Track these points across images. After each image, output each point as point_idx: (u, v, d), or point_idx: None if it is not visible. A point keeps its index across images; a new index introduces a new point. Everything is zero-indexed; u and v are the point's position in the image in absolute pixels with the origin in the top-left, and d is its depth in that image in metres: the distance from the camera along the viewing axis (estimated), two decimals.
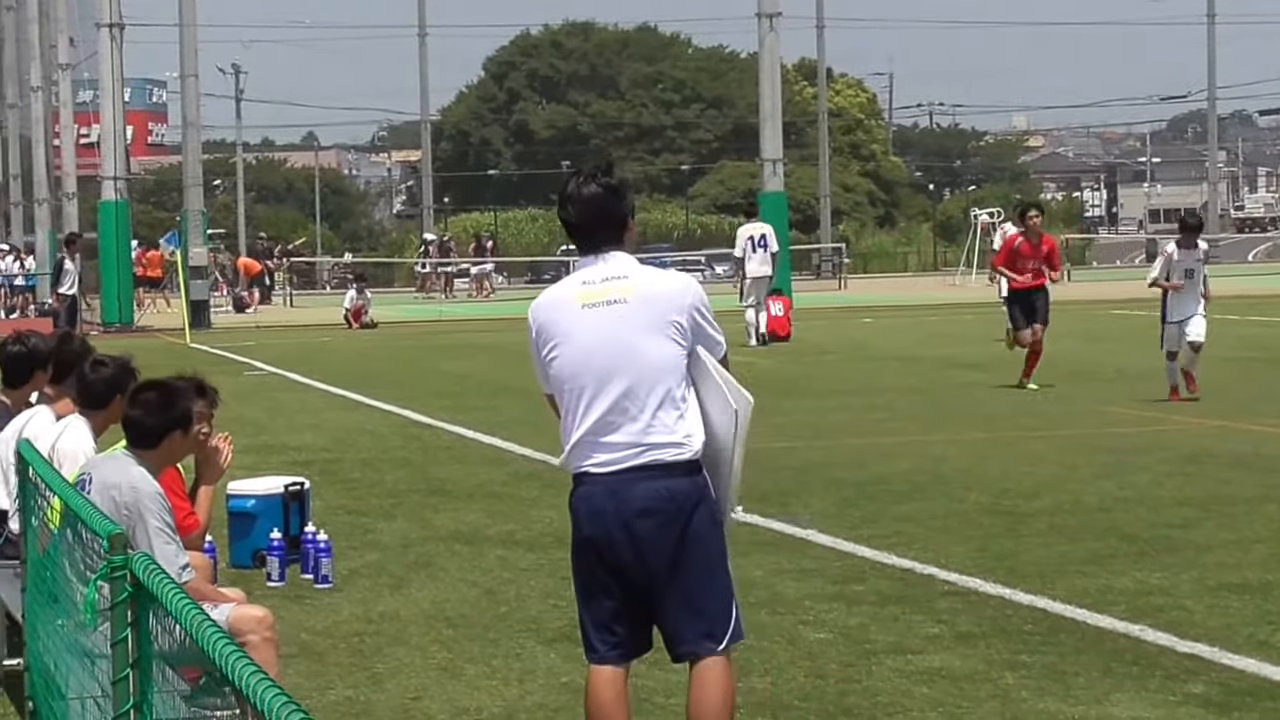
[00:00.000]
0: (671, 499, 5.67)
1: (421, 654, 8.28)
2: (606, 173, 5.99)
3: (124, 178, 46.36)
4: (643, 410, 5.68)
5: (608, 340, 5.74)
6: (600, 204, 5.89)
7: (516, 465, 14.69)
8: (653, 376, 5.70)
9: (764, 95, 45.46)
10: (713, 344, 5.82)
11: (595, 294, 5.82)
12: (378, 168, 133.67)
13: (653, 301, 5.76)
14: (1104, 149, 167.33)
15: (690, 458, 5.69)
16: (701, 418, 5.75)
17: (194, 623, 3.44)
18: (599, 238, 5.90)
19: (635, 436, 5.69)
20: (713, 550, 5.73)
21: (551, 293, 6.01)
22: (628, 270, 5.87)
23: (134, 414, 6.82)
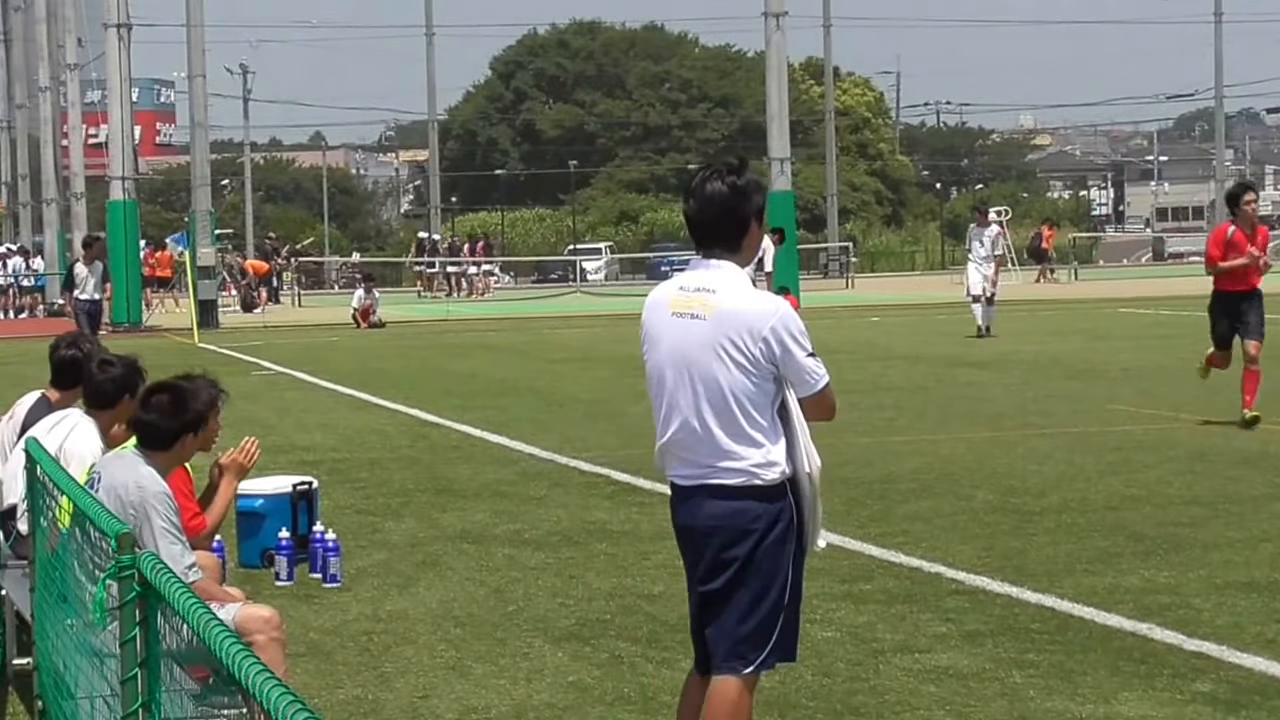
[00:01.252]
0: (734, 521, 5.59)
1: (429, 653, 8.29)
2: (735, 171, 5.72)
3: (132, 178, 46.41)
4: (710, 433, 5.60)
5: (680, 356, 5.69)
6: (721, 203, 5.67)
7: (524, 464, 14.70)
8: (718, 401, 5.59)
9: (771, 94, 45.48)
10: (799, 378, 5.61)
11: (684, 303, 5.71)
12: (385, 167, 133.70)
13: (726, 323, 5.57)
14: (1111, 147, 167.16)
15: (759, 484, 5.57)
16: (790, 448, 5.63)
17: (201, 622, 3.45)
18: (713, 239, 5.70)
19: (704, 457, 5.62)
20: (769, 576, 5.61)
21: (658, 291, 5.94)
22: (718, 284, 5.64)
23: (147, 417, 6.82)
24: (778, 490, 5.60)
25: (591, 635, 8.51)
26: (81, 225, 52.53)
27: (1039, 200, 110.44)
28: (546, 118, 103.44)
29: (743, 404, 5.57)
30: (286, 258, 65.39)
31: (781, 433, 5.61)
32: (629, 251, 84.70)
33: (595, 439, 16.23)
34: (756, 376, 5.56)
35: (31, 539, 6.98)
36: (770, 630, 5.66)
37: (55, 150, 60.69)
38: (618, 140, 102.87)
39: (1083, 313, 37.39)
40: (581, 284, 64.81)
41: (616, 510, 12.12)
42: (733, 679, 5.69)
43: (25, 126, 67.89)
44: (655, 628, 8.61)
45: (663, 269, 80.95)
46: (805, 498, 5.66)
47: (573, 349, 30.17)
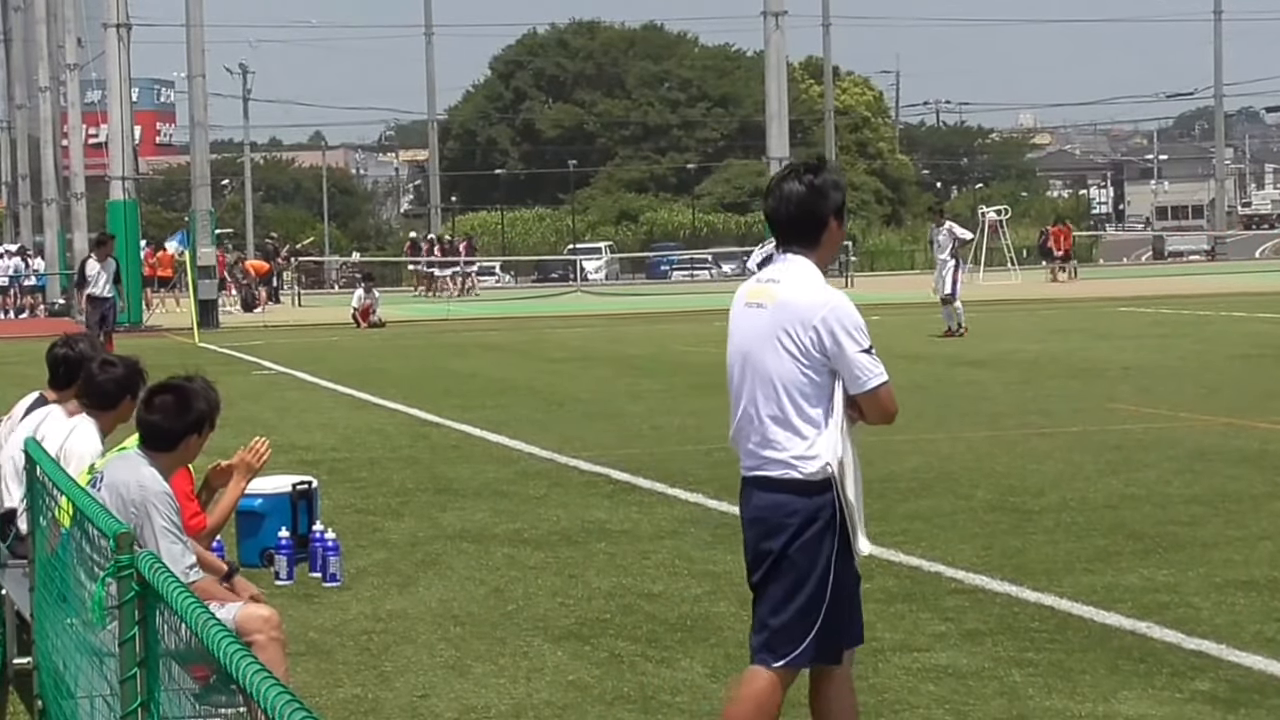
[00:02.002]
0: (775, 513, 5.61)
1: (429, 652, 8.29)
2: (813, 170, 5.77)
3: (132, 178, 46.43)
4: (761, 422, 5.63)
5: (742, 345, 5.73)
6: (797, 202, 5.71)
7: (524, 463, 14.71)
8: (767, 389, 5.61)
9: (770, 94, 45.50)
10: (850, 373, 5.60)
11: (753, 294, 5.76)
12: (385, 167, 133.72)
13: (782, 313, 5.61)
14: (1111, 146, 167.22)
15: (798, 477, 5.57)
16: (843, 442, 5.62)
17: (200, 622, 3.45)
18: (791, 237, 5.74)
19: (756, 446, 5.66)
20: (804, 572, 5.60)
21: (743, 284, 5.95)
22: (784, 276, 5.68)
23: (152, 418, 6.83)
24: (819, 485, 5.58)
25: (591, 634, 8.51)
26: (81, 225, 52.57)
27: (1038, 199, 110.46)
28: (546, 117, 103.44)
29: (791, 394, 5.59)
30: (286, 258, 65.42)
31: (831, 427, 5.61)
32: (629, 251, 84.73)
33: (595, 438, 16.23)
34: (806, 367, 5.58)
35: (31, 538, 6.99)
36: (803, 628, 5.64)
37: (55, 150, 60.70)
38: (617, 140, 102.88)
39: (1082, 312, 37.39)
40: (581, 283, 64.83)
41: (616, 510, 12.12)
42: (762, 670, 5.70)
43: (25, 126, 67.94)
44: (655, 627, 8.62)
45: (662, 268, 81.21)
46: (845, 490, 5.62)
47: (572, 348, 30.18)
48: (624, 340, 32.31)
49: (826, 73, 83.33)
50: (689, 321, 38.08)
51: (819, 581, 5.61)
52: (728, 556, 10.30)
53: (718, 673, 7.76)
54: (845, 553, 5.66)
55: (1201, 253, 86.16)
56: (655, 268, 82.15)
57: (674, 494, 12.69)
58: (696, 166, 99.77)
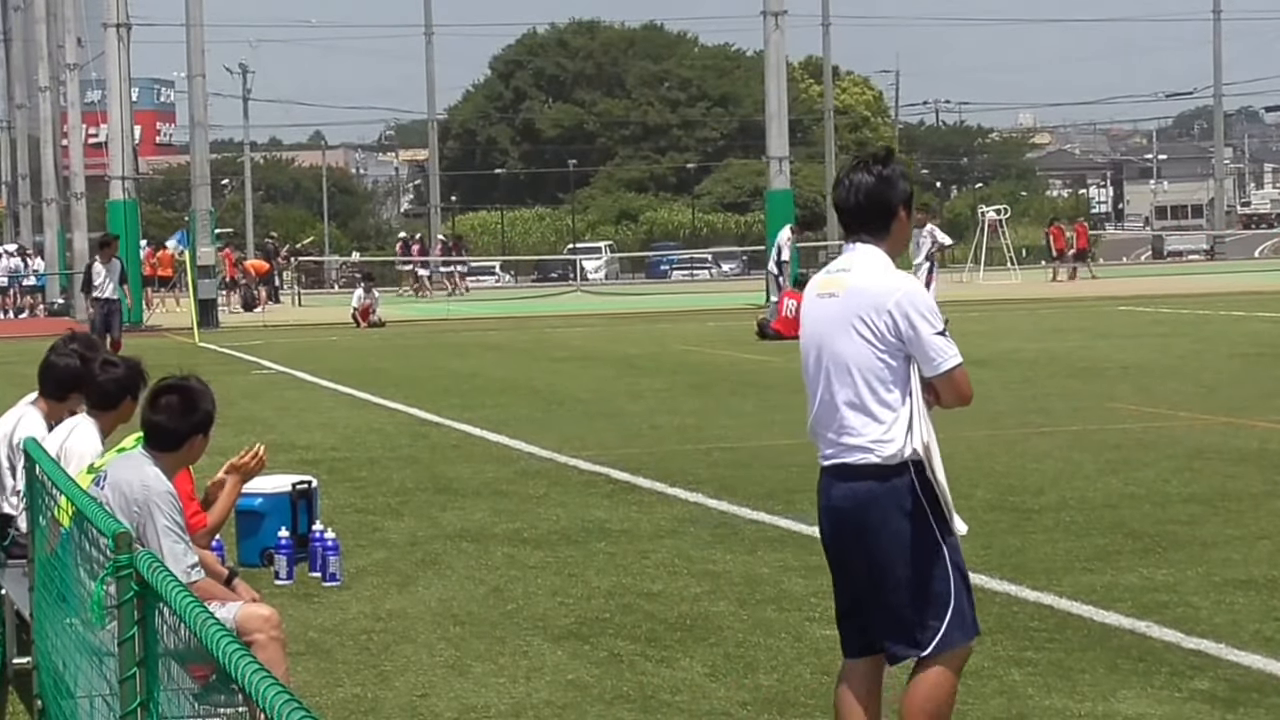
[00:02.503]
0: (856, 502, 5.64)
1: (429, 651, 8.30)
2: (881, 161, 5.83)
3: (132, 177, 46.42)
4: (838, 409, 5.67)
5: (816, 334, 5.76)
6: (866, 192, 5.76)
7: (524, 463, 14.71)
8: (843, 376, 5.66)
9: (770, 93, 45.50)
10: (924, 356, 5.63)
11: (825, 284, 5.81)
12: (385, 167, 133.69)
13: (855, 299, 5.65)
14: (1110, 146, 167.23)
15: (880, 462, 5.59)
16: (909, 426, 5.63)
17: (198, 621, 3.46)
18: (860, 227, 5.78)
19: (834, 434, 5.70)
20: (910, 554, 5.60)
21: (815, 276, 6.00)
22: (854, 264, 5.73)
23: (157, 418, 6.83)
24: (897, 468, 5.61)
25: (590, 634, 8.52)
26: (81, 225, 52.55)
27: (1038, 199, 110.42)
28: (546, 117, 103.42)
29: (868, 379, 5.62)
30: (286, 257, 65.44)
31: (908, 411, 5.63)
32: (629, 250, 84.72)
33: (594, 438, 16.24)
34: (882, 351, 5.61)
35: (31, 538, 7.00)
36: (936, 610, 5.64)
37: (55, 150, 60.68)
38: (617, 139, 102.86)
39: (1082, 311, 37.39)
40: (581, 283, 64.84)
41: (615, 509, 12.12)
42: (930, 667, 5.69)
43: (25, 126, 67.94)
44: (654, 626, 8.62)
45: (662, 268, 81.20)
46: (935, 471, 5.63)
47: (572, 348, 30.18)
48: (624, 340, 32.30)
49: (826, 72, 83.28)
50: (689, 321, 38.10)
51: (931, 562, 5.63)
52: (727, 556, 10.31)
53: (717, 672, 7.77)
54: (947, 530, 5.68)
55: (1201, 252, 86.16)
56: (655, 267, 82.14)
57: (673, 493, 12.70)
58: (696, 166, 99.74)
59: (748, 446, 15.31)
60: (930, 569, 5.63)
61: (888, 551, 5.62)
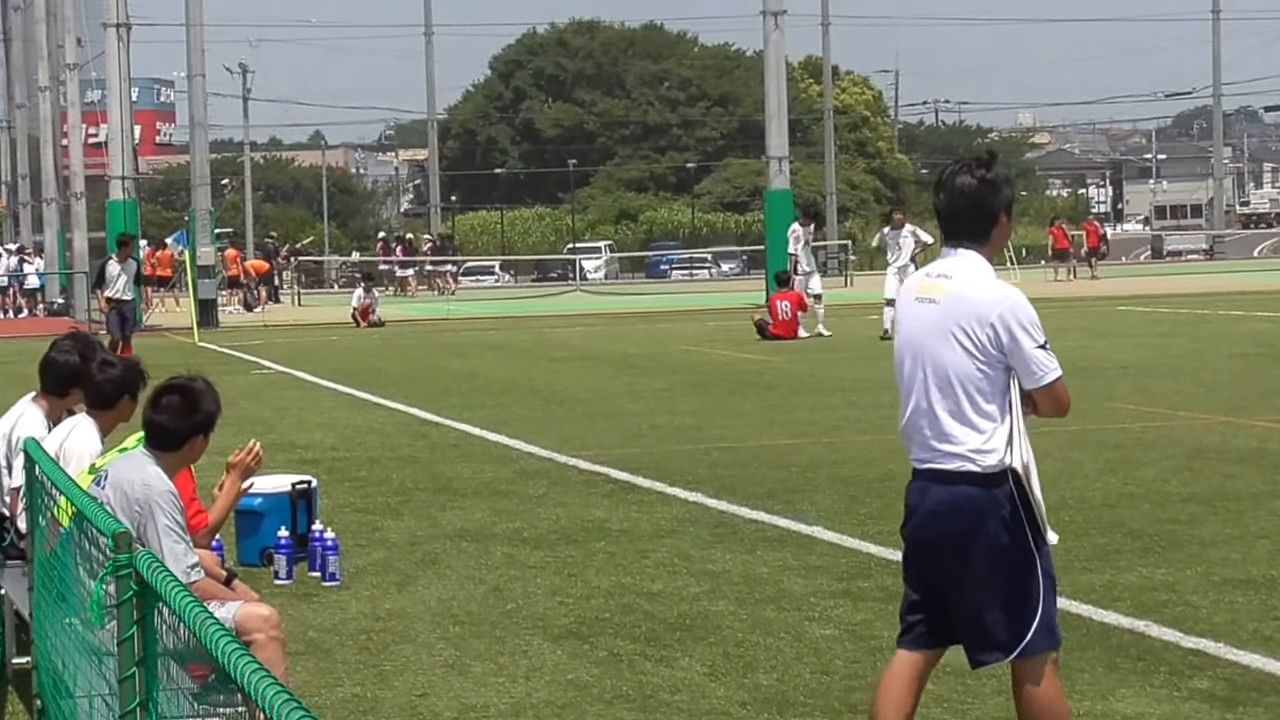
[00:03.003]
0: (955, 507, 5.64)
1: (428, 651, 8.30)
2: (985, 165, 5.80)
3: (132, 177, 46.40)
4: (936, 416, 5.67)
5: (914, 339, 5.76)
6: (969, 196, 5.74)
7: (523, 463, 14.72)
8: (942, 384, 5.65)
9: (769, 93, 45.48)
10: (1026, 369, 5.62)
11: (924, 288, 5.79)
12: (385, 167, 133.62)
13: (956, 309, 5.64)
14: (1110, 145, 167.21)
15: (975, 470, 5.60)
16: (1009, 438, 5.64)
17: (198, 621, 3.46)
18: (959, 230, 5.77)
19: (931, 440, 5.70)
20: (1004, 562, 5.62)
21: (911, 277, 6.02)
22: (956, 271, 5.71)
23: (158, 418, 6.84)
24: (996, 477, 5.61)
25: (590, 633, 8.52)
26: (81, 225, 52.58)
27: (1038, 198, 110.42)
28: (546, 117, 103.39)
29: (968, 389, 5.62)
30: (286, 257, 65.44)
31: (1008, 421, 5.63)
32: (628, 250, 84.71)
33: (594, 438, 16.24)
34: (983, 363, 5.62)
35: (30, 538, 7.00)
36: (1025, 616, 5.67)
37: (55, 150, 60.67)
38: (617, 139, 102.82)
39: (1081, 310, 37.39)
40: (581, 283, 64.84)
41: (615, 509, 12.13)
42: (1026, 672, 5.74)
43: (25, 126, 67.94)
44: (654, 626, 8.63)
45: (661, 268, 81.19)
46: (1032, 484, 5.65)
47: (572, 348, 30.18)
48: (623, 339, 32.30)
49: (826, 72, 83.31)
50: (688, 321, 38.10)
51: (1024, 569, 5.66)
52: (727, 555, 10.31)
53: (716, 672, 7.77)
54: (1041, 540, 5.70)
55: (1200, 252, 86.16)
56: (655, 267, 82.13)
57: (673, 493, 12.70)
58: (696, 166, 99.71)
59: (747, 446, 15.32)
60: (1023, 575, 5.66)
61: (983, 557, 5.64)
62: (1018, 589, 5.66)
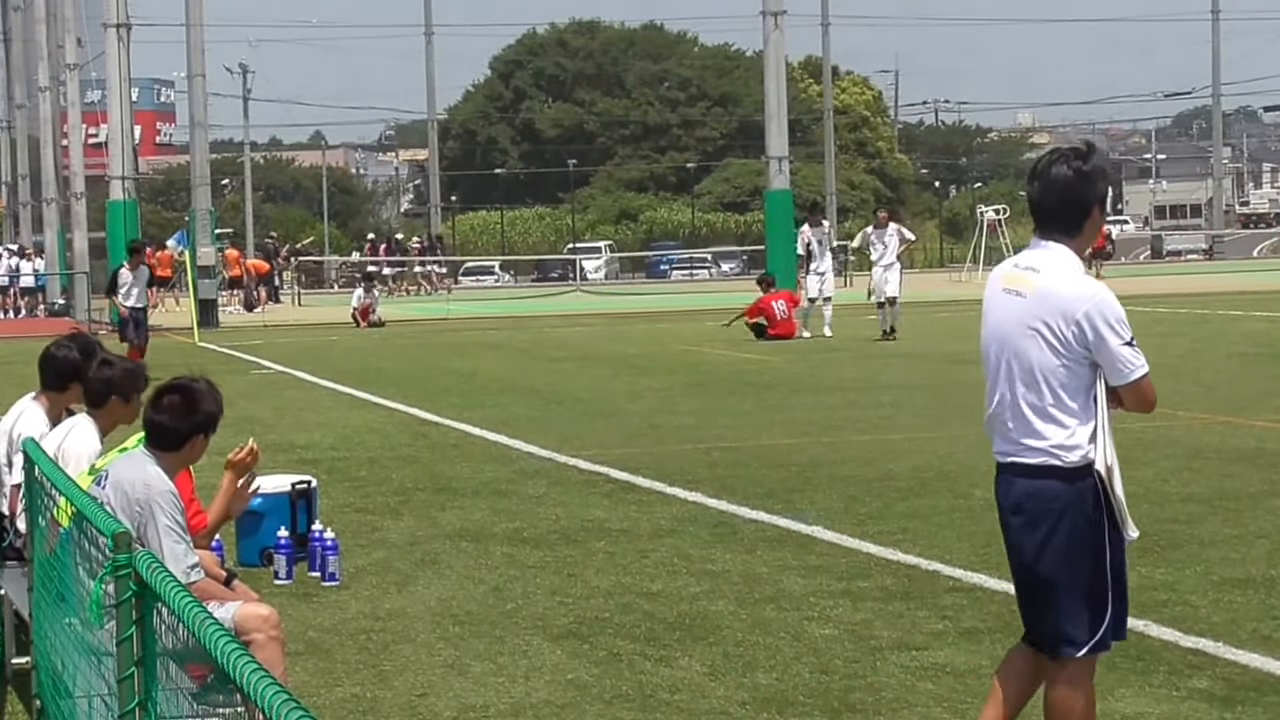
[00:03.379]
0: (1036, 500, 5.66)
1: (428, 651, 8.31)
2: (1082, 156, 5.75)
3: (132, 177, 46.42)
4: (1019, 409, 5.68)
5: (999, 331, 5.75)
6: (1062, 188, 5.70)
7: (523, 463, 14.72)
8: (1026, 378, 5.66)
9: (769, 93, 45.49)
10: (1112, 366, 5.64)
11: (1010, 279, 5.78)
12: (385, 167, 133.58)
13: (1042, 303, 5.62)
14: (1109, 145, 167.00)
15: (1059, 465, 5.62)
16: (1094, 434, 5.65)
17: (196, 621, 3.46)
18: (1049, 222, 5.74)
19: (1014, 433, 5.70)
20: (1080, 558, 5.64)
21: (998, 267, 6.01)
22: (1043, 264, 5.69)
23: (158, 417, 6.85)
24: (1080, 471, 5.63)
25: (590, 633, 8.53)
26: (81, 225, 52.61)
27: None
28: (546, 117, 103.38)
29: (1052, 384, 5.63)
30: (286, 257, 65.45)
31: (1092, 417, 5.65)
32: (628, 250, 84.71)
33: (594, 437, 16.25)
34: (1068, 359, 5.62)
35: (30, 538, 7.01)
36: (1095, 613, 5.68)
37: (55, 150, 60.68)
38: (617, 139, 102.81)
39: None
40: (581, 283, 64.85)
41: (615, 508, 12.13)
42: (1066, 665, 5.74)
43: (25, 126, 67.93)
44: (653, 625, 8.63)
45: (661, 268, 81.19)
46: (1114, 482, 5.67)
47: (572, 348, 30.19)
48: (623, 339, 32.31)
49: (825, 72, 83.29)
50: (688, 320, 38.09)
51: (1099, 565, 5.67)
52: (726, 555, 10.32)
53: (716, 671, 7.77)
54: (1118, 537, 5.72)
55: (1199, 252, 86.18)
56: (655, 267, 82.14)
57: (672, 493, 12.71)
58: (696, 166, 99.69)
59: (747, 446, 15.32)
60: (1098, 572, 5.67)
61: (1061, 551, 5.65)
62: (1090, 586, 5.66)
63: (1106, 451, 5.66)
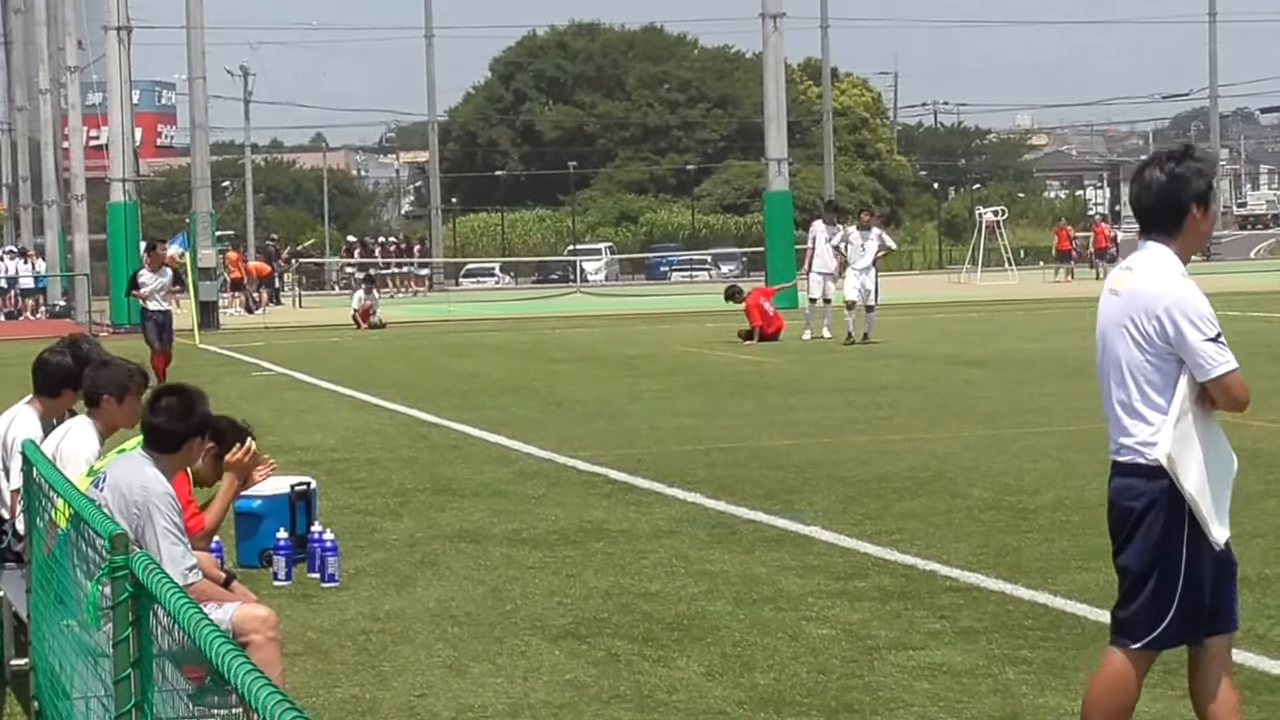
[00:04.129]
0: (1127, 496, 5.74)
1: (427, 652, 8.32)
2: (1176, 158, 5.82)
3: (133, 180, 46.44)
4: (1113, 406, 5.78)
5: (1102, 329, 5.86)
6: (1158, 190, 5.77)
7: (523, 464, 14.74)
8: (1118, 375, 5.75)
9: (768, 95, 45.54)
10: (1194, 362, 5.69)
11: (1113, 280, 5.89)
12: (386, 169, 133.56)
13: (1131, 301, 5.72)
14: (1107, 147, 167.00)
15: (1142, 462, 5.68)
16: None
17: (192, 622, 3.48)
18: (1149, 223, 5.83)
19: (1112, 430, 5.80)
20: (1155, 554, 5.69)
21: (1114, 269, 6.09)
22: (1139, 264, 5.78)
23: (156, 420, 6.87)
24: (1160, 470, 5.68)
25: (588, 634, 8.55)
26: (82, 227, 52.65)
27: (1035, 200, 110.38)
28: (546, 119, 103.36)
29: (1138, 381, 5.70)
30: (287, 259, 65.48)
31: (1174, 415, 5.70)
32: (629, 252, 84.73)
33: (593, 438, 16.26)
34: (1151, 355, 5.68)
35: (28, 540, 7.03)
36: (1158, 611, 5.72)
37: (56, 152, 60.67)
38: (617, 141, 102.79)
39: (1079, 311, 37.38)
40: (581, 284, 64.86)
41: (614, 509, 12.15)
42: (1116, 652, 5.81)
43: (26, 129, 67.93)
44: (652, 626, 8.65)
45: (661, 269, 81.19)
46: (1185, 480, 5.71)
47: (572, 349, 30.21)
48: (623, 341, 32.32)
49: (825, 74, 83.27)
50: (688, 322, 38.11)
51: (1170, 565, 5.70)
52: (725, 556, 10.34)
53: (714, 671, 7.79)
54: (1199, 537, 5.75)
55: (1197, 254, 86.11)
56: (655, 269, 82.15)
57: (671, 494, 12.73)
58: (696, 167, 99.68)
59: (746, 447, 15.34)
60: (1167, 572, 5.71)
61: (1135, 546, 5.72)
62: (1163, 582, 5.71)
63: (1184, 442, 5.71)
